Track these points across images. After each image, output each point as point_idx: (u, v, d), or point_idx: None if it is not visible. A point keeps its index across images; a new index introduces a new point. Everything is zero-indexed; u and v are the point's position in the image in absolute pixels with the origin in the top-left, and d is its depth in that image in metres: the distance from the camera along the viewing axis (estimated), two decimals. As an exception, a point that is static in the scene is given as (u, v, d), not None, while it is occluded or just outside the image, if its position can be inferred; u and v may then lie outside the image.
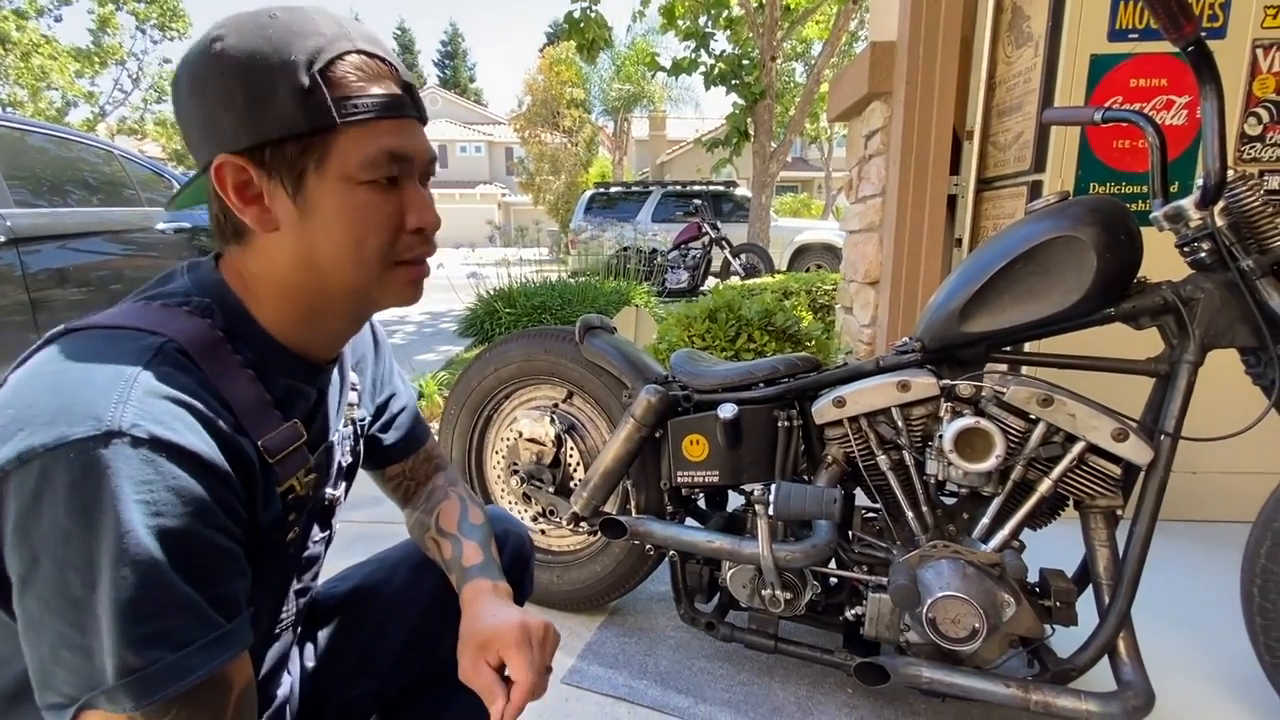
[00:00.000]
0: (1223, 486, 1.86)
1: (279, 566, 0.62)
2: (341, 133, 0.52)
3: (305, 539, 0.65)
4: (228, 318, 0.55)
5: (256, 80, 0.49)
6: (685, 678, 1.31)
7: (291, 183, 0.52)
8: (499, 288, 4.77)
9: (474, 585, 0.70)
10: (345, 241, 0.54)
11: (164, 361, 0.48)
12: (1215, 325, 0.99)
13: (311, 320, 0.58)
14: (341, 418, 0.68)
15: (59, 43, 15.38)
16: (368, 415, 0.76)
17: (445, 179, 30.02)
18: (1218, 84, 0.93)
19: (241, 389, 0.53)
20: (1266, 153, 1.78)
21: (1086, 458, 1.01)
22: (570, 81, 17.77)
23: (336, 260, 0.55)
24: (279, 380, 0.57)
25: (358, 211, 0.54)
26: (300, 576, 0.67)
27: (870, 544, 1.19)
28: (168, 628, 0.44)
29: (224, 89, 0.49)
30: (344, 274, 0.56)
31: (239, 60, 0.49)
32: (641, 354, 1.41)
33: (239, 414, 0.52)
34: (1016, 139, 2.03)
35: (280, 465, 0.56)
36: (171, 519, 0.44)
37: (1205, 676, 1.28)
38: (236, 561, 0.49)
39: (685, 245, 7.46)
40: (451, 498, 0.82)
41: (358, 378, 0.73)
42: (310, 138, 0.51)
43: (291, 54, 0.49)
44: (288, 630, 0.67)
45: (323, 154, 0.52)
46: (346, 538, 1.86)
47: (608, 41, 6.57)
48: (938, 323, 1.10)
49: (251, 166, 0.52)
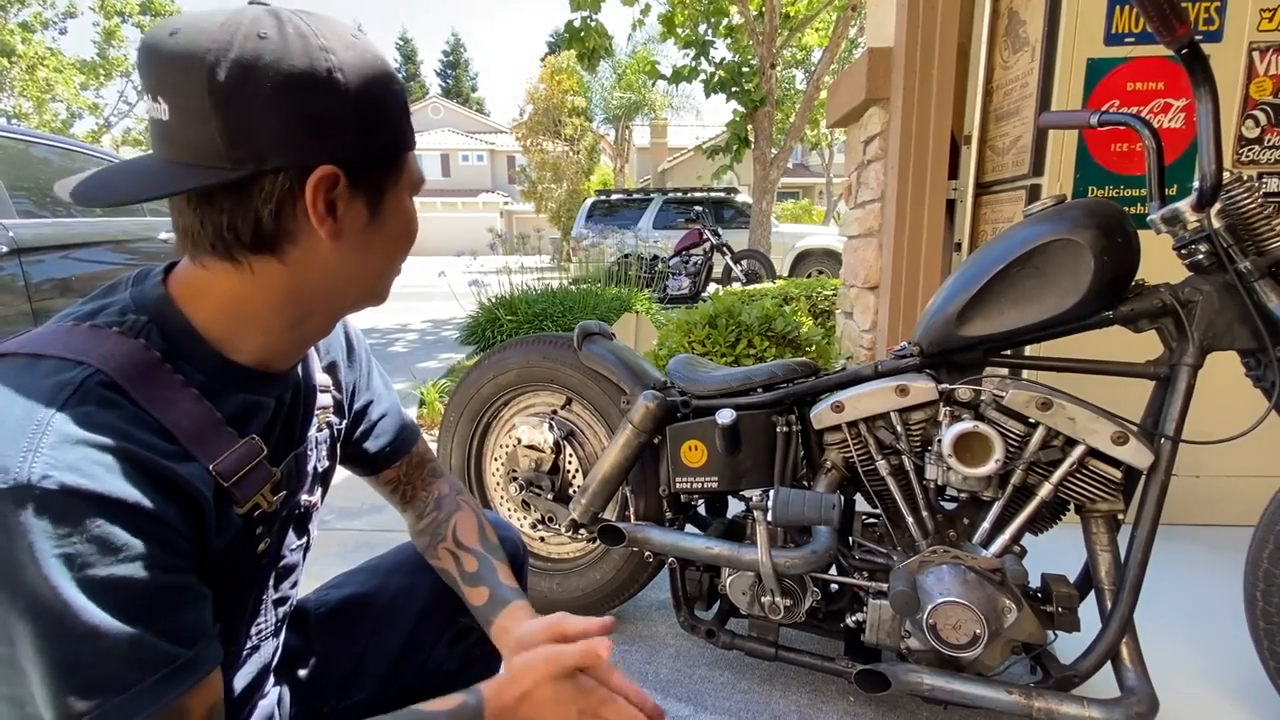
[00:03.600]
0: (1227, 490, 1.84)
1: (252, 579, 0.61)
2: (408, 156, 0.57)
3: (279, 548, 0.64)
4: (169, 336, 0.52)
5: (369, 109, 0.52)
6: (685, 686, 1.30)
7: (374, 196, 0.55)
8: (501, 295, 4.78)
9: (520, 606, 0.72)
10: (398, 248, 0.59)
11: (83, 400, 0.45)
12: (1214, 328, 0.99)
13: (294, 329, 0.57)
14: (312, 422, 0.67)
15: (64, 55, 15.52)
16: (344, 420, 0.74)
17: (448, 187, 30.15)
18: (1212, 86, 0.93)
19: (185, 412, 0.51)
20: (1265, 155, 1.78)
21: (1087, 461, 1.01)
22: (571, 90, 17.88)
23: (382, 264, 0.59)
24: (231, 396, 0.55)
25: (410, 219, 0.59)
26: (278, 586, 0.66)
27: (870, 550, 1.18)
28: (108, 674, 0.43)
29: (341, 110, 0.50)
30: (377, 278, 0.59)
31: (359, 88, 0.51)
32: (640, 360, 1.41)
33: (184, 439, 0.50)
34: (1014, 143, 2.03)
35: (239, 486, 0.54)
36: (99, 568, 0.42)
37: (1209, 682, 1.27)
38: (187, 590, 0.48)
39: (686, 252, 7.48)
40: (465, 509, 0.82)
41: (328, 378, 0.71)
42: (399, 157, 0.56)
43: (393, 83, 0.54)
44: (268, 639, 0.66)
45: (399, 170, 0.56)
46: (348, 545, 1.86)
47: (608, 50, 6.61)
48: (936, 327, 1.10)
49: (344, 178, 0.52)
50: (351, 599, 0.82)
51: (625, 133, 21.76)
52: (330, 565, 0.82)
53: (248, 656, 0.64)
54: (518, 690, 0.58)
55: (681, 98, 22.60)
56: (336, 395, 0.72)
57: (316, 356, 0.70)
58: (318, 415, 0.68)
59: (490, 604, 0.72)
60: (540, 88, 18.04)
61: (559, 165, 18.28)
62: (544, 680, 0.58)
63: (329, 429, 0.70)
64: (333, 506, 2.14)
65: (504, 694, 0.58)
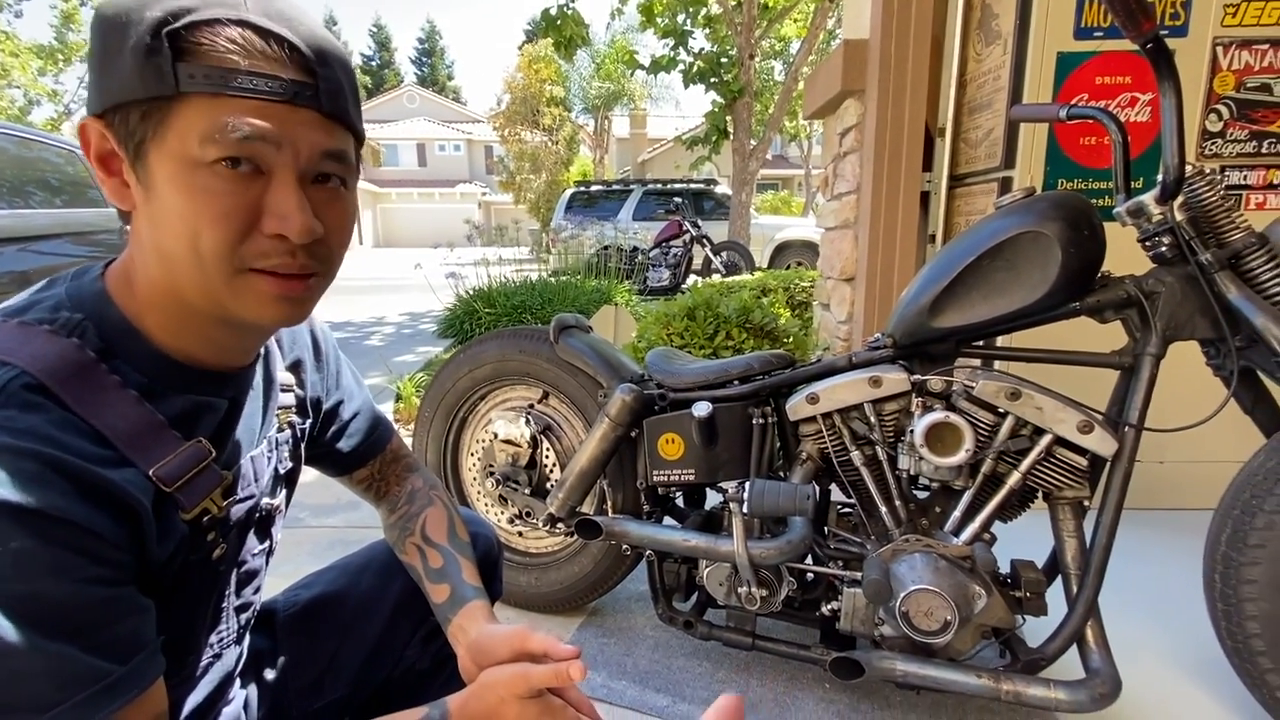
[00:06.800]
0: (1189, 475, 1.90)
1: (210, 586, 0.59)
2: (186, 103, 0.45)
3: (239, 554, 0.62)
4: (105, 334, 0.49)
5: (111, 36, 0.45)
6: (664, 676, 1.31)
7: (132, 154, 0.47)
8: (478, 288, 4.73)
9: (480, 605, 0.70)
10: (181, 232, 0.47)
11: (4, 403, 0.43)
12: (1176, 318, 1.01)
13: (191, 327, 0.52)
14: (272, 423, 0.65)
15: (20, 39, 14.95)
16: (309, 420, 0.72)
17: (424, 178, 29.77)
18: (1176, 80, 0.95)
19: (121, 415, 0.48)
20: (1227, 149, 1.82)
21: (1054, 450, 1.03)
22: (550, 79, 17.69)
23: (176, 254, 0.48)
24: (176, 397, 0.52)
25: (195, 197, 0.46)
26: (239, 592, 0.64)
27: (845, 539, 1.19)
28: (24, 695, 0.41)
29: (93, 44, 0.46)
30: (186, 272, 0.48)
31: (106, 15, 0.45)
32: (617, 353, 1.40)
33: (121, 444, 0.47)
34: (987, 135, 2.05)
35: (184, 491, 0.51)
36: (17, 584, 0.40)
37: (1171, 662, 1.31)
38: (120, 602, 0.46)
39: (666, 243, 7.47)
40: (437, 505, 0.81)
41: (291, 378, 0.69)
42: (150, 104, 0.45)
43: (148, 11, 0.44)
44: (231, 647, 0.65)
45: (162, 125, 0.46)
46: (322, 543, 1.84)
47: (585, 39, 6.54)
48: (908, 318, 1.11)
49: (110, 133, 0.47)
50: (321, 599, 0.80)
51: (605, 123, 21.62)
52: (304, 564, 0.81)
53: (209, 665, 0.62)
54: (483, 706, 0.57)
55: (661, 88, 22.55)
56: (300, 394, 0.70)
57: (280, 355, 0.68)
58: (278, 415, 0.66)
59: (450, 602, 0.71)
60: (518, 77, 17.82)
61: (538, 155, 18.11)
62: (510, 698, 0.56)
63: (291, 429, 0.68)
64: (307, 504, 2.11)
65: (468, 709, 0.57)
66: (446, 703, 0.58)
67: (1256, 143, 1.81)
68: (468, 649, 0.65)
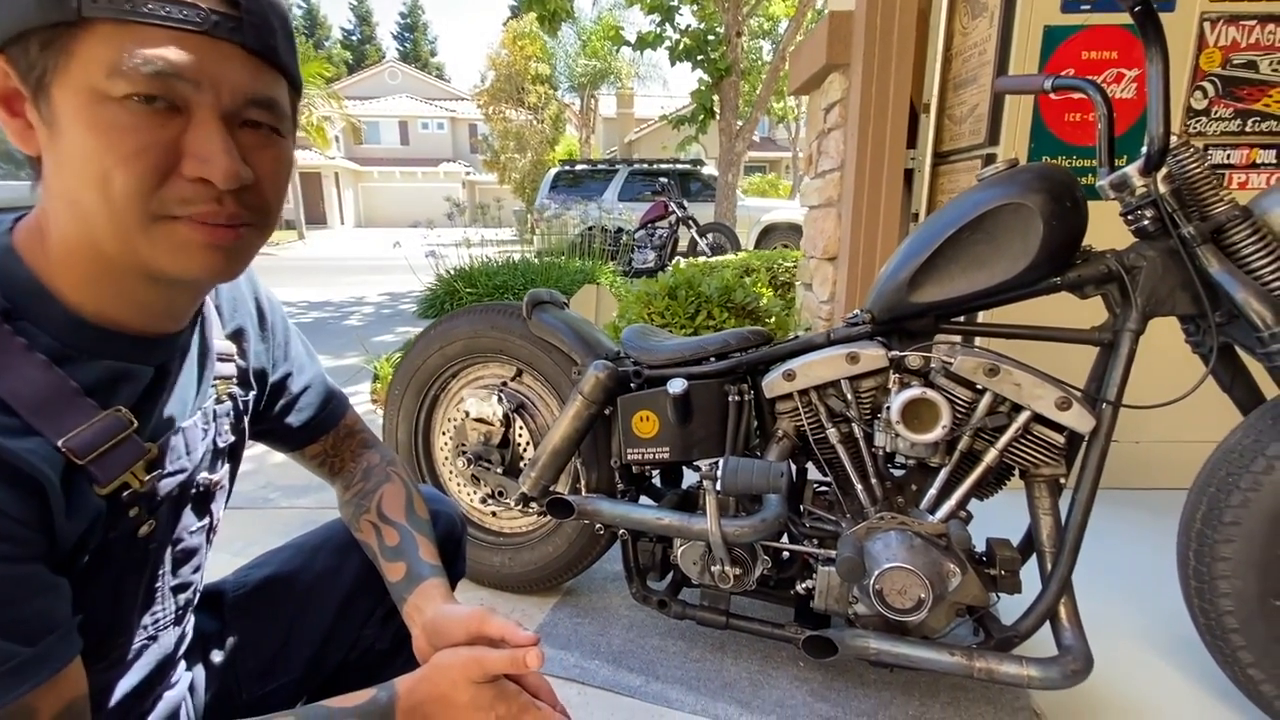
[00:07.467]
0: (1165, 454, 1.91)
1: (140, 564, 0.55)
2: (90, 30, 0.41)
3: (172, 531, 0.58)
4: (10, 294, 0.46)
5: None
6: (638, 656, 1.30)
7: (33, 89, 0.43)
8: (459, 267, 4.65)
9: (436, 584, 0.67)
10: (90, 174, 0.42)
11: None
12: (1157, 293, 0.99)
13: (108, 284, 0.48)
14: (209, 394, 0.61)
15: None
16: (253, 392, 0.68)
17: (407, 156, 29.23)
18: (1163, 47, 0.92)
19: (27, 381, 0.44)
20: (1211, 127, 1.80)
21: (1031, 427, 1.01)
22: (535, 56, 17.35)
23: (85, 199, 0.43)
24: (91, 363, 0.48)
25: (103, 134, 0.42)
26: (176, 571, 0.60)
27: (820, 517, 1.18)
28: None
29: None
30: (98, 220, 0.44)
31: None
32: (592, 329, 1.37)
33: (25, 411, 0.44)
34: (972, 111, 2.02)
35: (98, 464, 0.48)
36: None
37: (1143, 639, 1.32)
38: (28, 581, 0.43)
39: (651, 224, 7.39)
40: (394, 481, 0.77)
41: (232, 346, 0.64)
42: (51, 32, 0.41)
43: None
44: (168, 629, 0.61)
45: (65, 54, 0.41)
46: (293, 524, 1.80)
47: (569, 13, 6.42)
48: (887, 293, 1.09)
49: (13, 69, 0.43)
50: (273, 579, 0.77)
51: (591, 102, 21.31)
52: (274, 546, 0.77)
53: (144, 648, 0.59)
54: (434, 690, 0.54)
55: (648, 67, 22.19)
56: (241, 364, 0.66)
57: (219, 322, 0.64)
58: (216, 386, 0.61)
59: (405, 580, 0.68)
60: (503, 53, 17.45)
61: (522, 134, 17.81)
62: (463, 683, 0.54)
63: (232, 400, 0.64)
64: (278, 485, 2.07)
65: (417, 691, 0.54)
66: (395, 685, 0.55)
67: (1241, 120, 1.79)
68: (423, 629, 0.63)
